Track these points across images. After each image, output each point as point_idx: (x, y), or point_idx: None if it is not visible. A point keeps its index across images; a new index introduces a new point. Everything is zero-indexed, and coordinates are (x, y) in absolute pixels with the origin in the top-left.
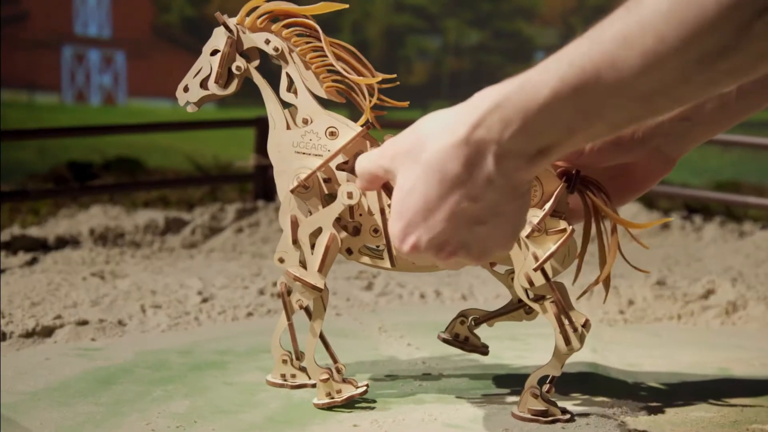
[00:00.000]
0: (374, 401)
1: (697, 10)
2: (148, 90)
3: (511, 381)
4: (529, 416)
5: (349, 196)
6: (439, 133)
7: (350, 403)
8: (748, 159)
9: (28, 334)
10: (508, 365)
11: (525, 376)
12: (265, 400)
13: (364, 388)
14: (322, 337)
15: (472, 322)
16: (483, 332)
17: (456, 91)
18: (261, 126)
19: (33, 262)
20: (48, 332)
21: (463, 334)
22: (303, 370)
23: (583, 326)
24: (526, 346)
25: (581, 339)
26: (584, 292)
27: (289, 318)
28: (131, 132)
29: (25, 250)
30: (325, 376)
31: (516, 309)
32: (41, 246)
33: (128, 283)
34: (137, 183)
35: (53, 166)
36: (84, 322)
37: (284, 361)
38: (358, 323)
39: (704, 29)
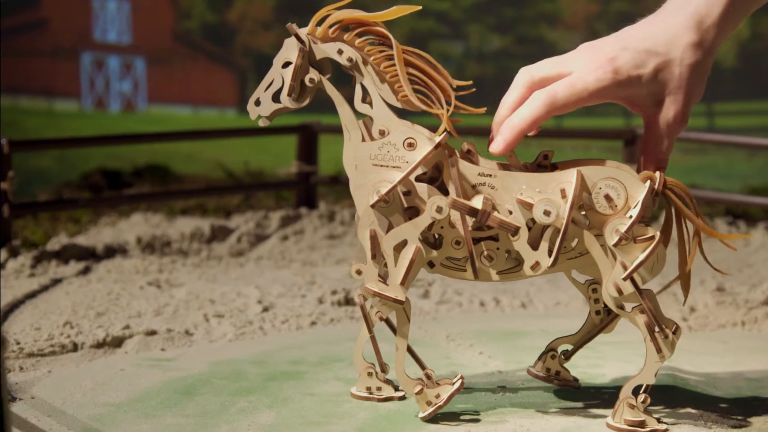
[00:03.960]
0: (461, 414)
1: None
2: (168, 96)
3: (591, 391)
4: (626, 427)
5: (438, 210)
6: (677, 36)
7: (438, 417)
8: None
9: (99, 345)
10: (584, 374)
11: (601, 386)
12: (351, 411)
13: (460, 381)
14: (409, 348)
15: (563, 356)
16: (545, 339)
17: (479, 97)
18: (304, 133)
19: (86, 271)
20: (118, 342)
21: (554, 369)
22: (388, 382)
23: (674, 333)
24: (598, 354)
25: (672, 346)
26: (663, 289)
27: (370, 330)
28: (180, 140)
29: (76, 259)
30: (419, 388)
31: (599, 329)
32: (91, 255)
33: (185, 292)
34: (182, 191)
35: (85, 173)
36: (152, 333)
37: (369, 374)
38: (423, 331)
39: None
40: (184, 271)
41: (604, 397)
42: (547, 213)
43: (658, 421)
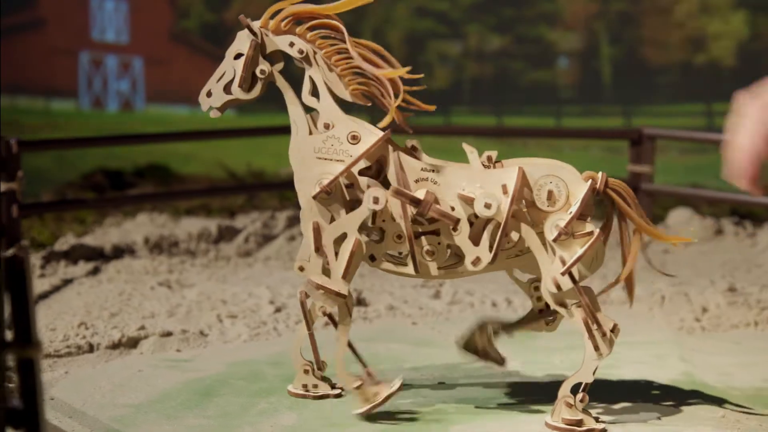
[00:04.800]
0: (478, 407)
1: None
2: (166, 96)
3: (607, 392)
4: (563, 426)
5: (375, 201)
6: None
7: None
8: None
9: (115, 346)
10: (600, 374)
11: (618, 385)
12: (371, 413)
13: (399, 383)
14: (349, 344)
15: (492, 332)
16: (561, 342)
17: (478, 97)
18: None
19: (96, 271)
20: (133, 343)
21: (481, 345)
22: (324, 380)
23: (612, 331)
24: (614, 355)
25: (610, 344)
26: (602, 292)
27: (309, 327)
28: (187, 140)
29: (85, 259)
30: (358, 383)
31: (536, 320)
32: (99, 255)
33: (196, 293)
34: (187, 192)
35: (86, 173)
36: (168, 334)
37: (306, 371)
38: (437, 332)
39: None
40: (194, 272)
41: (620, 397)
42: (487, 206)
43: (596, 420)
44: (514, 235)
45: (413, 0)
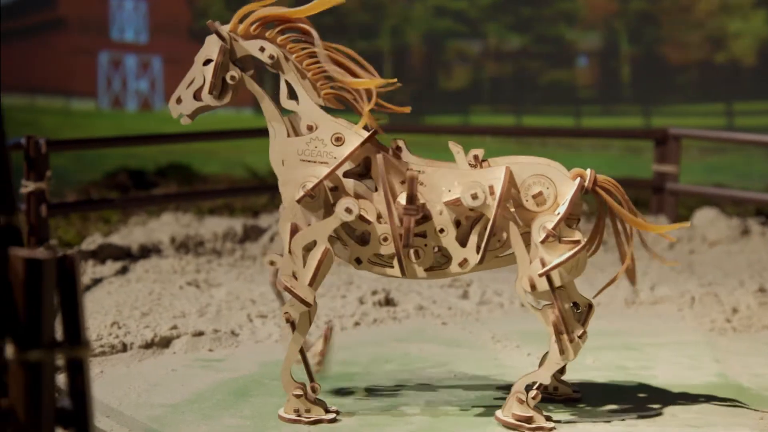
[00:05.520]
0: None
1: None
2: None
3: (643, 393)
4: (512, 421)
5: (348, 211)
6: None
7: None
8: None
9: (148, 345)
10: (635, 376)
11: (653, 386)
12: (407, 413)
13: (333, 416)
14: (301, 351)
15: (558, 372)
16: (593, 342)
17: (497, 96)
18: None
19: (124, 271)
20: (166, 343)
21: (551, 385)
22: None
23: (580, 337)
24: (646, 356)
25: (576, 350)
26: (601, 291)
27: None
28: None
29: (113, 258)
30: (299, 392)
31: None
32: (126, 255)
33: (225, 292)
34: (211, 191)
35: (109, 173)
36: (199, 333)
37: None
38: (468, 332)
39: None
40: (221, 271)
41: (656, 398)
42: (474, 196)
43: (547, 418)
44: (502, 236)
45: None
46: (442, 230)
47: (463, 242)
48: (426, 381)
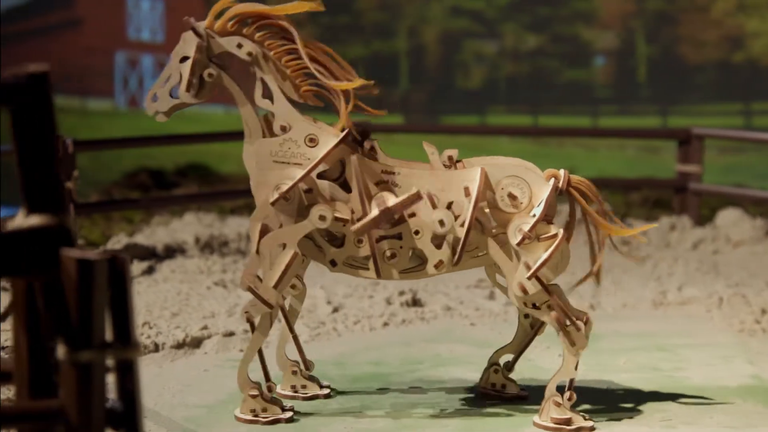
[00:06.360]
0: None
1: None
2: None
3: (678, 395)
4: (552, 425)
5: (322, 218)
6: None
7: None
8: None
9: (179, 345)
10: (669, 378)
11: (688, 387)
12: (441, 416)
13: (290, 414)
14: (260, 352)
15: (505, 369)
16: (625, 343)
17: (514, 96)
18: None
19: (150, 271)
20: (197, 343)
21: (499, 383)
22: (311, 379)
23: (585, 324)
24: (679, 357)
25: (585, 336)
26: (576, 285)
27: (291, 330)
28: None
29: (138, 258)
30: (255, 392)
31: (534, 333)
32: (152, 254)
33: None
34: (233, 192)
35: (129, 173)
36: (230, 334)
37: (294, 373)
38: (497, 333)
39: None
40: None
41: (691, 400)
42: (442, 223)
43: (585, 418)
44: (477, 238)
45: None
46: (417, 232)
47: (438, 245)
48: (459, 383)
